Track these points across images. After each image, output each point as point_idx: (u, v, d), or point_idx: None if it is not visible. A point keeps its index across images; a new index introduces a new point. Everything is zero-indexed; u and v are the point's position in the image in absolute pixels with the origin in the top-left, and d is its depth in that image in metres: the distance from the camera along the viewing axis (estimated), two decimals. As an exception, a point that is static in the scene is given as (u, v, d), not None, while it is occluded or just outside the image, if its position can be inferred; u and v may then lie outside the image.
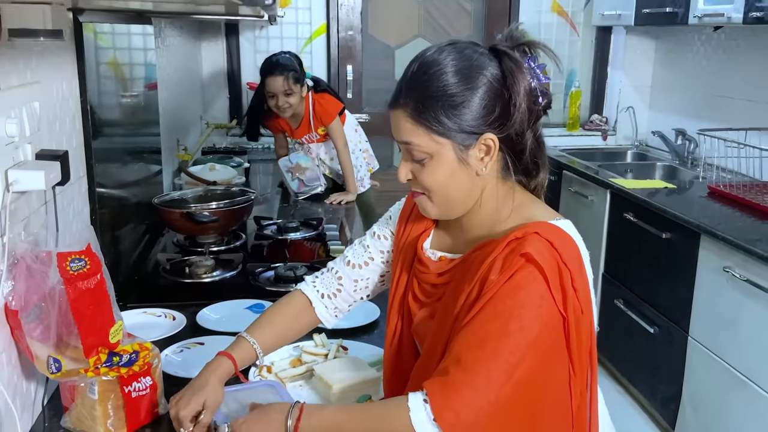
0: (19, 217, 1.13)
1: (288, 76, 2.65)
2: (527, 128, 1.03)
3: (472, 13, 4.04)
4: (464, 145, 1.01)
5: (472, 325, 0.97)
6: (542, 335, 0.95)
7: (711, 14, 2.73)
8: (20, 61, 1.15)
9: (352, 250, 1.28)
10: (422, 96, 1.00)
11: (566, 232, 1.01)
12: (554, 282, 0.95)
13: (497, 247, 1.00)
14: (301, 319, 1.27)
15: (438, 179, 1.03)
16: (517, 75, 0.99)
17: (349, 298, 1.27)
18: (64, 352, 1.10)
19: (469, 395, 0.93)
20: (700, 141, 3.05)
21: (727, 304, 2.27)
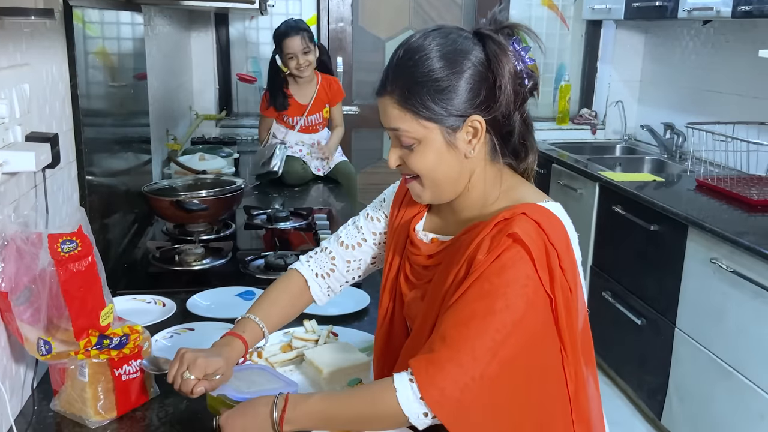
0: (9, 199, 1.12)
1: (304, 35, 2.84)
2: (514, 110, 1.04)
3: (462, 6, 4.04)
4: (451, 128, 1.02)
5: (459, 303, 0.98)
6: (528, 314, 0.96)
7: (700, 8, 2.75)
8: (10, 43, 1.14)
9: (346, 230, 1.29)
10: (408, 82, 1.01)
11: (554, 213, 1.02)
12: (541, 262, 0.96)
13: (485, 227, 1.01)
14: (299, 299, 1.28)
15: (427, 163, 1.04)
16: (502, 58, 1.00)
17: (342, 278, 1.28)
18: (55, 335, 1.10)
19: (454, 372, 0.94)
20: (689, 134, 3.07)
21: (713, 295, 2.30)
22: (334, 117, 3.10)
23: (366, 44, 4.01)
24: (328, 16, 3.90)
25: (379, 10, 4.00)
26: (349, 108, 4.02)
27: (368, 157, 4.11)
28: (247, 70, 3.85)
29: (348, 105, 4.01)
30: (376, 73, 3.69)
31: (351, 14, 3.93)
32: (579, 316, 1.02)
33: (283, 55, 2.86)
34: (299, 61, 2.85)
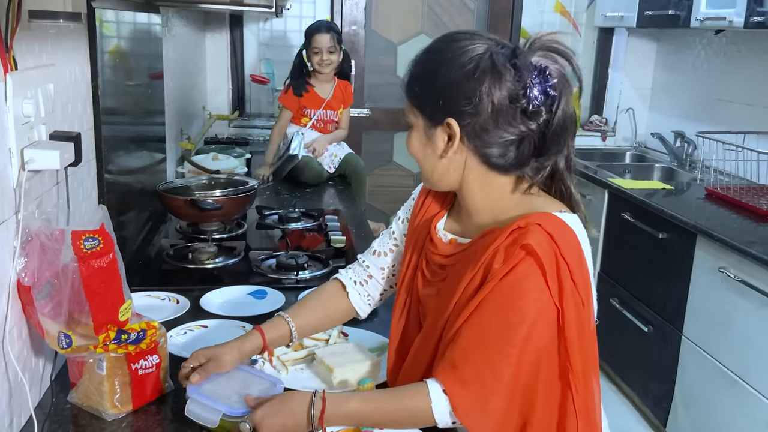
0: (32, 196, 1.15)
1: (333, 35, 2.97)
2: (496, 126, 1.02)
3: (475, 11, 4.06)
4: (431, 122, 1.08)
5: (475, 317, 1.01)
6: (541, 327, 0.99)
7: (713, 18, 2.76)
8: (36, 44, 1.17)
9: (379, 240, 1.34)
10: (411, 74, 1.11)
11: (568, 224, 1.03)
12: (551, 274, 0.99)
13: (500, 235, 1.03)
14: (336, 304, 1.32)
15: (412, 146, 1.13)
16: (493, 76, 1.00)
17: (379, 286, 1.33)
18: (75, 329, 1.12)
19: (479, 388, 0.99)
20: (699, 143, 3.08)
21: (721, 304, 2.31)
22: (342, 119, 3.18)
23: (378, 48, 4.04)
24: (341, 19, 3.93)
25: (392, 14, 4.02)
26: (360, 110, 4.05)
27: (378, 159, 4.14)
28: (261, 72, 3.88)
29: (359, 107, 4.04)
30: (387, 76, 3.74)
31: (364, 18, 3.95)
32: (590, 328, 1.04)
33: (309, 49, 2.98)
34: (323, 57, 2.96)
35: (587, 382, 1.03)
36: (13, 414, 1.10)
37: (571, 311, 0.99)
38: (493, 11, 4.01)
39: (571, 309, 0.99)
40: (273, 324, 1.25)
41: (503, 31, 3.99)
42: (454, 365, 1.01)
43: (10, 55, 1.03)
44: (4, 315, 1.06)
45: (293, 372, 1.33)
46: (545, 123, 1.04)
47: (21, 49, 1.09)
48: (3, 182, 1.04)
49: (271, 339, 1.23)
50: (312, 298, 1.33)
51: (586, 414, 1.03)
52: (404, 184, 4.20)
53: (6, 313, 1.06)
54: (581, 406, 1.02)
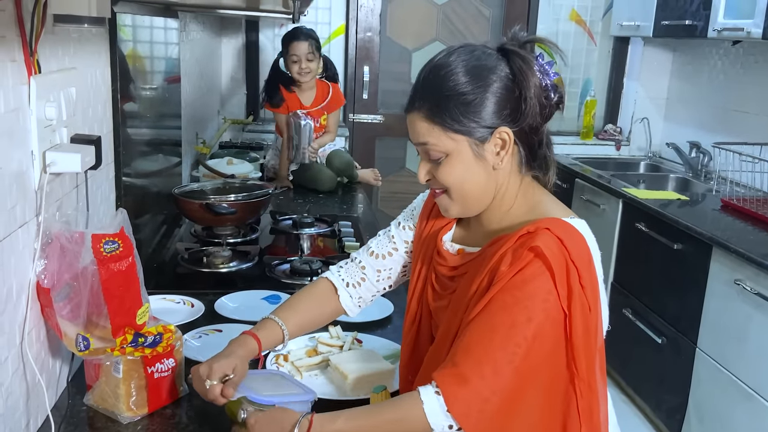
0: (53, 198, 1.16)
1: (311, 42, 2.89)
2: (541, 122, 1.06)
3: (490, 19, 4.07)
4: (479, 140, 1.04)
5: (481, 316, 1.00)
6: (547, 329, 0.98)
7: (731, 28, 2.75)
8: (59, 48, 1.18)
9: (376, 240, 1.31)
10: (436, 97, 1.03)
11: (577, 229, 1.03)
12: (560, 278, 0.98)
13: (509, 240, 1.03)
14: (326, 306, 1.29)
15: (455, 176, 1.06)
16: (526, 71, 1.02)
17: (372, 288, 1.30)
18: (93, 332, 1.13)
19: (478, 385, 0.96)
20: (715, 154, 3.06)
21: (736, 317, 2.29)
22: (328, 123, 3.08)
23: (393, 54, 4.05)
24: (356, 25, 3.94)
25: (407, 21, 4.03)
26: (374, 117, 4.06)
27: (391, 166, 4.14)
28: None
29: (373, 114, 4.06)
30: (402, 82, 3.76)
31: (379, 25, 3.97)
32: (598, 334, 1.03)
33: (287, 57, 2.91)
34: (301, 65, 2.87)
35: (592, 386, 1.02)
36: (30, 415, 1.11)
37: (578, 316, 0.98)
38: (508, 19, 4.01)
39: (578, 313, 0.99)
40: (264, 327, 1.22)
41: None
42: (455, 363, 0.98)
43: (35, 59, 1.04)
44: (24, 317, 1.07)
45: (307, 378, 1.33)
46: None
47: (45, 53, 1.10)
48: (25, 184, 1.05)
49: (264, 343, 1.21)
50: (301, 299, 1.29)
51: (590, 419, 1.03)
52: (416, 191, 4.16)
53: (25, 315, 1.07)
54: (585, 411, 1.02)
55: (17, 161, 1.02)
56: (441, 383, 0.97)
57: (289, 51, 2.88)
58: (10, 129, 0.99)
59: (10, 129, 0.99)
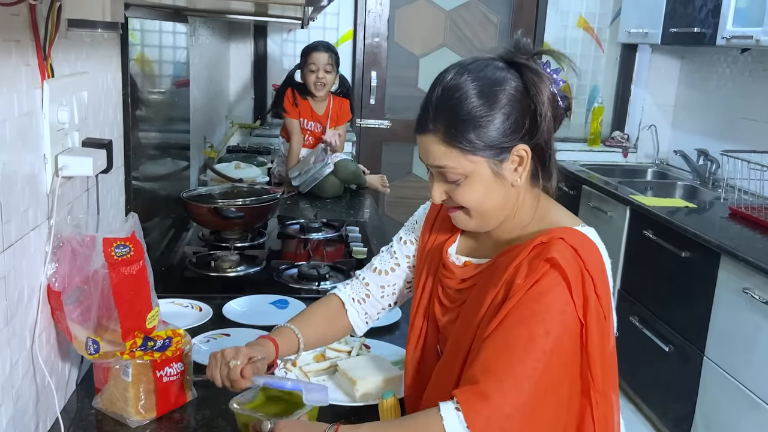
0: (64, 202, 1.16)
1: (332, 55, 2.94)
2: (553, 133, 1.06)
3: (497, 25, 4.07)
4: (498, 160, 1.03)
5: (499, 331, 0.99)
6: (565, 340, 0.97)
7: (739, 36, 2.74)
8: (72, 52, 1.19)
9: (379, 257, 1.31)
10: (451, 120, 1.02)
11: (590, 238, 1.03)
12: (576, 288, 0.98)
13: (523, 251, 1.02)
14: (337, 322, 1.30)
15: (475, 197, 1.05)
16: (539, 85, 1.02)
17: (378, 305, 1.30)
18: (102, 335, 1.13)
19: (499, 402, 0.95)
20: (723, 162, 3.05)
21: (745, 326, 2.28)
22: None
23: (400, 60, 4.06)
24: (364, 31, 3.95)
25: (414, 27, 4.04)
26: (381, 122, 4.06)
27: (398, 171, 4.14)
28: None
29: (380, 119, 4.06)
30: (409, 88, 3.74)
31: (387, 30, 3.98)
32: (611, 342, 1.03)
33: (305, 67, 2.94)
34: (318, 75, 2.91)
35: (607, 396, 1.02)
36: (39, 418, 1.11)
37: (594, 325, 0.98)
38: (516, 25, 4.02)
39: (594, 323, 0.99)
40: (282, 334, 1.22)
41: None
42: (475, 380, 0.98)
43: (48, 63, 1.05)
44: (35, 320, 1.07)
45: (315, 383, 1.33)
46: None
47: (58, 57, 1.11)
48: (37, 188, 1.06)
49: (281, 350, 1.21)
50: (315, 314, 1.29)
51: (605, 429, 1.02)
52: (423, 196, 4.17)
53: (36, 318, 1.07)
54: (601, 421, 1.02)
55: (30, 165, 1.03)
56: (462, 400, 0.97)
57: (308, 60, 2.92)
58: (24, 132, 1.00)
59: (24, 132, 1.00)
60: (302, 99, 3.00)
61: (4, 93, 0.93)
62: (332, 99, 3.06)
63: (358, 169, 3.03)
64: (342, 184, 2.96)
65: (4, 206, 0.94)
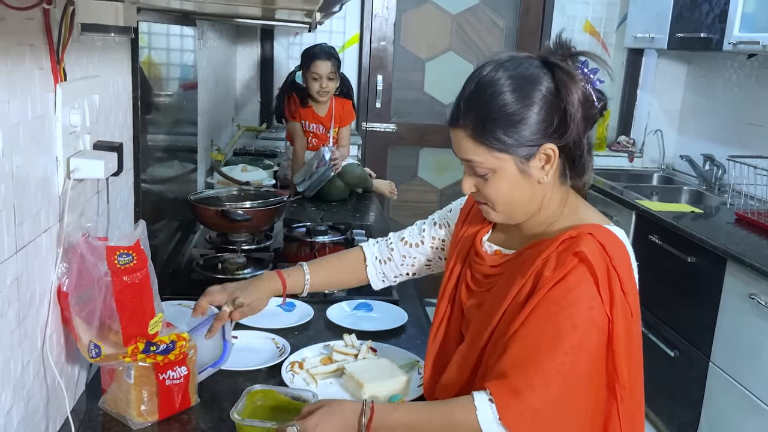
0: (75, 204, 1.17)
1: (334, 62, 2.92)
2: (584, 134, 1.07)
3: (504, 30, 4.08)
4: (525, 157, 1.05)
5: (527, 326, 1.02)
6: (592, 335, 1.00)
7: (746, 42, 2.74)
8: (84, 56, 1.20)
9: (410, 230, 1.40)
10: (481, 116, 1.04)
11: (618, 237, 1.05)
12: (603, 283, 1.00)
13: (551, 244, 1.04)
14: (354, 272, 1.42)
15: (501, 192, 1.08)
16: (571, 86, 1.02)
17: (396, 270, 1.39)
18: (107, 336, 1.14)
19: (529, 397, 0.98)
20: (729, 167, 3.05)
21: (751, 331, 2.27)
22: (341, 137, 3.11)
23: (406, 64, 4.07)
24: (370, 35, 3.96)
25: (420, 31, 4.05)
26: (386, 125, 4.07)
27: (404, 174, 4.15)
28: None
29: (385, 122, 4.07)
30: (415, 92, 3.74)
31: (393, 34, 3.99)
32: (637, 340, 1.05)
33: (308, 73, 2.92)
34: (321, 84, 2.90)
35: (634, 392, 1.04)
36: (50, 419, 1.12)
37: (620, 321, 1.00)
38: (522, 30, 4.02)
39: (620, 319, 1.00)
40: (292, 271, 1.36)
41: (532, 50, 3.97)
42: (505, 375, 1.00)
43: (61, 67, 1.06)
44: (45, 321, 1.08)
45: (322, 386, 1.34)
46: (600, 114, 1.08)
47: (70, 61, 1.12)
48: (49, 190, 1.07)
49: (289, 285, 1.35)
50: (333, 260, 1.43)
51: (632, 425, 1.05)
52: (428, 200, 4.21)
53: (47, 318, 1.08)
54: (627, 417, 1.04)
55: (42, 167, 1.04)
56: (494, 393, 1.00)
57: (310, 68, 2.90)
58: (37, 135, 1.01)
59: (37, 135, 1.01)
60: (304, 109, 3.00)
61: (18, 96, 0.94)
62: (334, 100, 3.05)
63: (364, 173, 3.04)
64: (348, 187, 2.96)
65: (17, 208, 0.95)
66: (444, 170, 4.18)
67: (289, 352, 1.45)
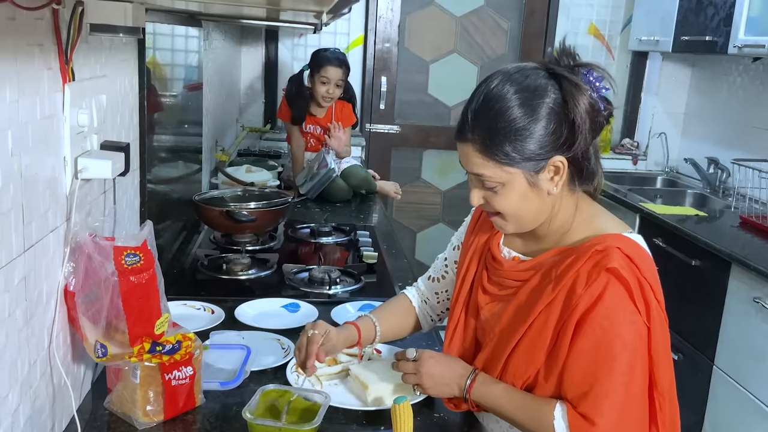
0: (82, 204, 1.18)
1: (345, 70, 2.93)
2: (591, 142, 1.07)
3: (508, 32, 4.08)
4: (534, 171, 1.06)
5: (578, 353, 1.04)
6: (640, 347, 1.03)
7: (751, 45, 2.74)
8: (92, 56, 1.20)
9: (434, 265, 1.42)
10: (489, 131, 1.04)
11: (641, 246, 1.07)
12: (637, 295, 1.02)
13: (579, 259, 1.05)
14: (407, 319, 1.43)
15: (510, 204, 1.09)
16: (578, 97, 1.03)
17: (436, 308, 1.41)
18: (114, 336, 1.14)
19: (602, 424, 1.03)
20: (734, 170, 3.05)
21: (755, 335, 2.27)
22: None
23: (411, 65, 4.07)
24: (375, 36, 3.97)
25: (425, 33, 4.05)
26: (390, 127, 4.07)
27: (407, 176, 4.14)
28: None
29: (389, 124, 4.07)
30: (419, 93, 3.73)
31: (397, 36, 3.99)
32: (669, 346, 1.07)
33: (317, 76, 2.91)
34: (329, 90, 2.91)
35: (673, 401, 1.07)
36: (56, 418, 1.12)
37: (657, 329, 1.03)
38: (526, 32, 4.02)
39: (657, 327, 1.03)
40: (362, 321, 1.36)
41: (536, 52, 4.00)
42: (575, 405, 1.04)
43: (69, 67, 1.06)
44: (52, 320, 1.08)
45: (327, 387, 1.34)
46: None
47: (78, 61, 1.12)
48: (57, 190, 1.07)
49: (363, 338, 1.35)
50: (391, 308, 1.43)
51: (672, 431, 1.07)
52: (432, 201, 4.21)
53: (54, 318, 1.08)
54: (666, 425, 1.06)
55: (50, 167, 1.04)
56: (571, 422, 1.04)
57: (321, 72, 2.89)
58: (45, 135, 1.01)
59: (45, 135, 1.01)
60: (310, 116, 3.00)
61: (27, 96, 0.94)
62: (334, 102, 3.04)
63: (368, 175, 3.04)
64: (351, 189, 2.96)
65: (25, 208, 0.95)
66: (447, 172, 4.17)
67: (294, 352, 1.44)
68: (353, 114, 3.14)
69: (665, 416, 1.06)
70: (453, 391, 1.18)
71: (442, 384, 1.18)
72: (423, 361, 1.19)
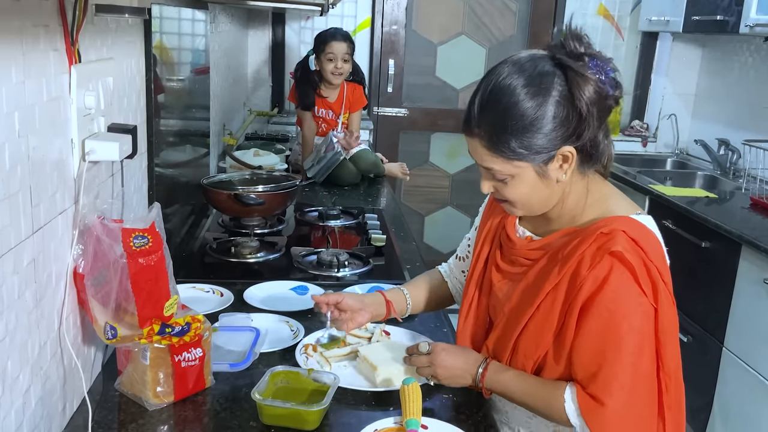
0: (90, 186, 1.18)
1: (349, 44, 2.93)
2: (599, 128, 1.06)
3: (516, 13, 4.04)
4: (543, 162, 1.06)
5: (585, 335, 1.05)
6: (647, 328, 1.03)
7: (763, 24, 2.70)
8: (98, 38, 1.20)
9: (461, 244, 1.45)
10: (497, 125, 1.04)
11: (649, 228, 1.06)
12: (643, 277, 1.02)
13: (584, 241, 1.05)
14: (441, 291, 1.47)
15: (520, 194, 1.10)
16: (584, 87, 1.02)
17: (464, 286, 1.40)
18: (123, 318, 1.15)
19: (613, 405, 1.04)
20: (745, 152, 3.02)
21: (765, 317, 2.26)
22: (352, 122, 3.10)
23: (418, 48, 4.04)
24: (382, 18, 3.94)
25: (432, 14, 4.02)
26: (398, 110, 4.05)
27: (415, 159, 4.13)
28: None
29: (397, 107, 4.05)
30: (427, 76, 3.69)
31: (405, 18, 3.96)
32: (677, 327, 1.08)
33: (323, 55, 2.91)
34: (337, 65, 2.90)
35: (679, 382, 1.08)
36: (66, 399, 1.13)
37: (665, 310, 1.03)
38: (535, 13, 3.98)
39: (665, 307, 1.03)
40: (393, 293, 1.41)
41: (545, 33, 3.96)
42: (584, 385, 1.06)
43: (75, 48, 1.06)
44: (62, 302, 1.09)
45: (336, 369, 1.34)
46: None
47: (84, 43, 1.12)
48: (64, 172, 1.07)
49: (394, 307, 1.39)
50: (423, 282, 1.47)
51: (678, 413, 1.08)
52: (440, 185, 4.20)
53: (63, 300, 1.09)
54: (673, 406, 1.06)
55: (58, 149, 1.04)
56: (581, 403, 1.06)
57: (326, 49, 2.89)
58: (52, 117, 1.01)
59: (52, 117, 1.01)
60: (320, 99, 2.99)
61: (34, 77, 0.94)
62: (345, 85, 3.04)
63: (377, 159, 3.03)
64: (359, 173, 2.95)
65: (33, 190, 0.95)
66: (456, 155, 4.16)
67: (303, 334, 1.45)
68: (364, 96, 3.13)
69: (671, 397, 1.06)
70: (466, 380, 1.21)
71: (455, 374, 1.21)
72: (436, 354, 1.21)
